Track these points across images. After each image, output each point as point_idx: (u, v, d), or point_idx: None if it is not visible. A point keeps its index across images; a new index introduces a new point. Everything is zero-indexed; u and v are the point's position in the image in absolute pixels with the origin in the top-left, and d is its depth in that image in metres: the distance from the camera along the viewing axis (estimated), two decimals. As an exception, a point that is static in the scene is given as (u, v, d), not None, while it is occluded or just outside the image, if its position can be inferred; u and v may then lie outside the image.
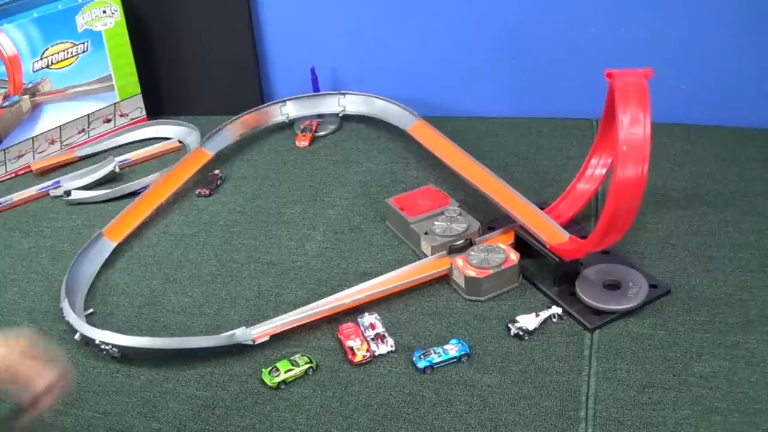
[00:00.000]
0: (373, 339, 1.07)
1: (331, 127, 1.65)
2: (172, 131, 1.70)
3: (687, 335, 1.05)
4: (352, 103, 1.67)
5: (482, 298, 1.14)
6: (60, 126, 1.65)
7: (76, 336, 1.10)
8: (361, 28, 1.68)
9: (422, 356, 1.04)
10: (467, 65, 1.65)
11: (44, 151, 1.64)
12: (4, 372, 0.80)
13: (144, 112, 1.76)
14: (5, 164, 1.59)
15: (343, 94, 1.67)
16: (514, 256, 1.16)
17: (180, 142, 1.67)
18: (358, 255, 1.27)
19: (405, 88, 1.67)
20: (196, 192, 1.48)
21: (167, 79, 1.78)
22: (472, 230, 1.23)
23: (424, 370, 1.03)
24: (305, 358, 1.05)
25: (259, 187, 1.49)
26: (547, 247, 1.16)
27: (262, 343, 1.08)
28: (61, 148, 1.66)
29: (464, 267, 1.14)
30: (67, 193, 1.49)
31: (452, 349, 1.04)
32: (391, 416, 0.97)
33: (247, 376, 1.05)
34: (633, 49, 1.52)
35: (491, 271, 1.13)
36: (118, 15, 1.65)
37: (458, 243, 1.19)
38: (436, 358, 1.03)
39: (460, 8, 1.60)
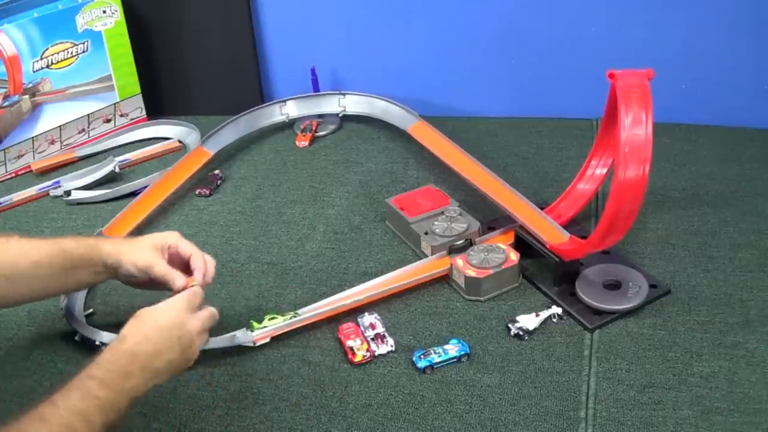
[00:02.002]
0: (373, 339, 1.07)
1: (331, 127, 1.65)
2: (172, 131, 1.70)
3: (687, 335, 1.05)
4: (353, 104, 1.67)
5: (482, 298, 1.14)
6: (60, 126, 1.65)
7: (76, 337, 1.10)
8: (361, 28, 1.68)
9: (422, 356, 1.04)
10: (467, 65, 1.65)
11: (44, 151, 1.64)
12: None
13: (144, 112, 1.76)
14: (5, 164, 1.59)
15: (344, 94, 1.67)
16: (514, 256, 1.16)
17: (180, 142, 1.67)
18: (358, 255, 1.27)
19: (405, 88, 1.67)
20: (196, 192, 1.48)
21: (167, 79, 1.78)
22: (472, 230, 1.23)
23: (424, 370, 1.03)
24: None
25: (259, 187, 1.49)
26: (547, 247, 1.16)
27: (263, 344, 1.08)
28: (61, 148, 1.66)
29: (464, 267, 1.14)
30: (67, 193, 1.49)
31: (452, 349, 1.04)
32: (391, 416, 0.97)
33: (248, 376, 1.05)
34: (633, 49, 1.52)
35: (491, 271, 1.13)
36: (118, 15, 1.65)
37: (458, 243, 1.19)
38: (436, 358, 1.03)
39: (460, 8, 1.60)
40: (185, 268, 1.05)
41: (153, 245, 1.05)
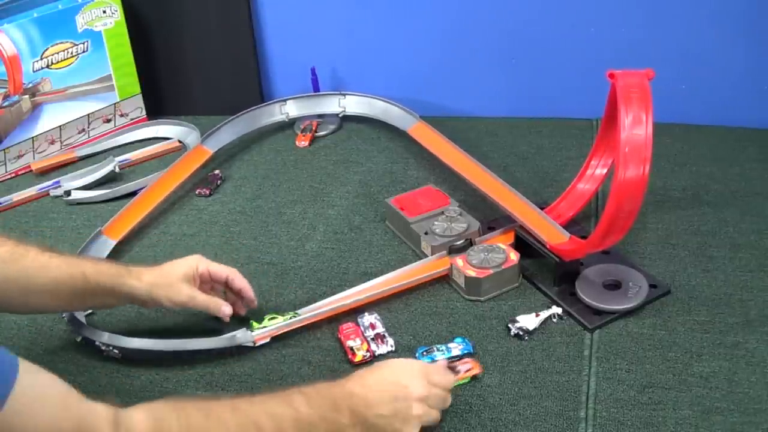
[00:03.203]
0: (373, 339, 1.07)
1: (331, 127, 1.65)
2: (172, 131, 1.70)
3: (687, 335, 1.05)
4: (353, 104, 1.67)
5: (482, 298, 1.14)
6: (60, 126, 1.65)
7: (77, 338, 1.10)
8: (361, 28, 1.68)
9: (425, 353, 1.04)
10: (467, 65, 1.65)
11: (44, 151, 1.64)
12: None
13: (144, 112, 1.75)
14: (5, 164, 1.59)
15: (344, 94, 1.67)
16: (514, 256, 1.16)
17: (180, 142, 1.67)
18: (358, 255, 1.27)
19: (405, 88, 1.67)
20: (196, 192, 1.48)
21: (167, 79, 1.78)
22: (472, 230, 1.23)
23: (424, 368, 1.03)
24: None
25: (259, 187, 1.49)
26: (547, 247, 1.16)
27: (263, 344, 1.08)
28: (61, 148, 1.66)
29: (464, 267, 1.14)
30: (67, 193, 1.49)
31: (456, 347, 1.04)
32: (391, 416, 0.97)
33: (247, 376, 1.05)
34: (633, 50, 1.52)
35: (491, 271, 1.13)
36: (118, 15, 1.65)
37: (458, 243, 1.19)
38: (438, 356, 1.03)
39: (460, 8, 1.60)
40: (212, 288, 1.10)
41: (184, 276, 1.05)
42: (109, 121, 1.72)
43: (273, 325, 1.08)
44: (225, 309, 1.06)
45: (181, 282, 1.05)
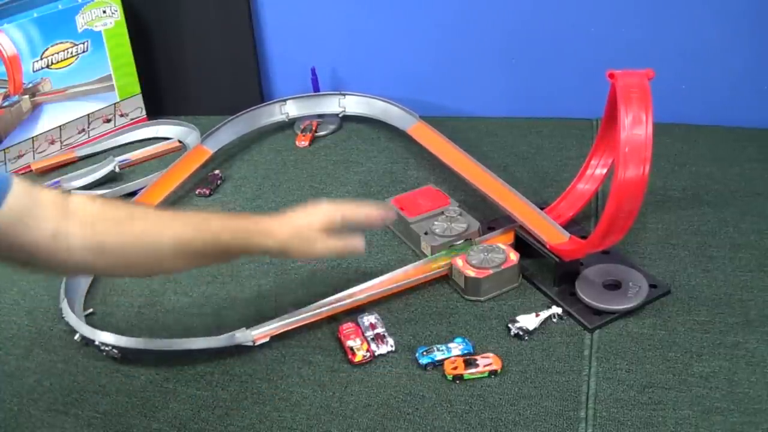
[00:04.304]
0: (373, 339, 1.07)
1: (331, 127, 1.65)
2: (172, 131, 1.70)
3: (687, 335, 1.05)
4: (353, 104, 1.67)
5: (482, 298, 1.14)
6: (60, 126, 1.65)
7: (76, 337, 1.10)
8: (361, 28, 1.68)
9: (425, 353, 1.04)
10: (467, 65, 1.65)
11: (44, 151, 1.64)
12: None
13: (144, 112, 1.76)
14: (5, 164, 1.59)
15: (344, 94, 1.67)
16: (514, 256, 1.16)
17: (180, 142, 1.67)
18: (358, 255, 1.27)
19: (405, 88, 1.67)
20: (196, 192, 1.48)
21: (167, 79, 1.78)
22: (472, 230, 1.23)
23: (425, 367, 1.03)
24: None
25: (259, 187, 1.49)
26: (547, 247, 1.16)
27: (263, 343, 1.08)
28: (61, 148, 1.66)
29: (464, 267, 1.14)
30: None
31: (456, 347, 1.04)
32: (391, 416, 0.97)
33: (248, 376, 1.05)
34: (633, 50, 1.52)
35: (491, 271, 1.13)
36: (118, 15, 1.65)
37: (458, 243, 1.19)
38: (438, 356, 1.03)
39: (460, 8, 1.60)
40: None
41: (322, 230, 1.00)
42: (109, 121, 1.72)
43: None
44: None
45: (319, 236, 1.00)
